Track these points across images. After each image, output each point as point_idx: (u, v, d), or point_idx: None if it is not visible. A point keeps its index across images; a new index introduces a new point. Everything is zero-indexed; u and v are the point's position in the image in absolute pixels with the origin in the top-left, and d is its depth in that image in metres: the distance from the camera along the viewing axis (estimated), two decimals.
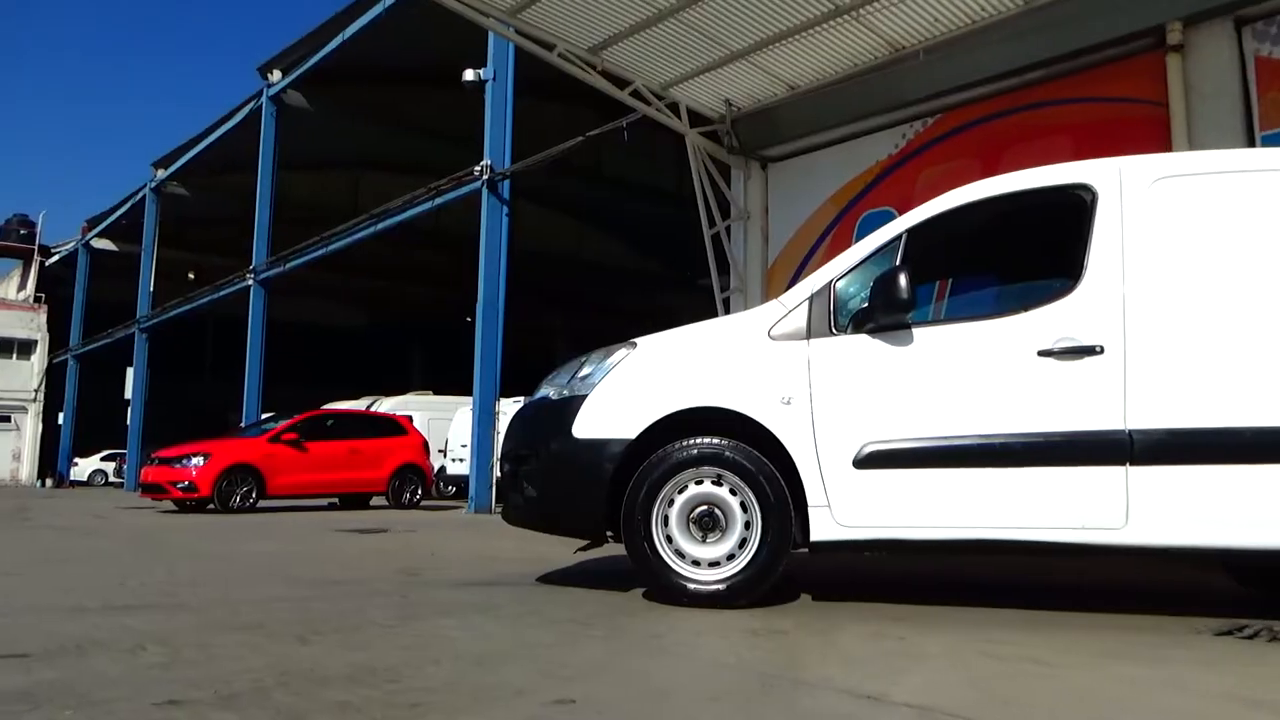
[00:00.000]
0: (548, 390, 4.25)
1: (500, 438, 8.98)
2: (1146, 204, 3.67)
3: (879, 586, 4.63)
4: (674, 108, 9.73)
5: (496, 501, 12.73)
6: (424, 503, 14.74)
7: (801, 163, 9.83)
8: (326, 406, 18.78)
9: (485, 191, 13.71)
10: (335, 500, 14.29)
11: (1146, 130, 7.08)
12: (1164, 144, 6.89)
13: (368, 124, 22.06)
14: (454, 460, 18.84)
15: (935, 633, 3.26)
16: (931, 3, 7.79)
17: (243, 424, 18.55)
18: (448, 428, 19.31)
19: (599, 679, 2.52)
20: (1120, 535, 3.45)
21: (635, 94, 9.39)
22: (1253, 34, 6.77)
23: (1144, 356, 3.49)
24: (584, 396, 3.96)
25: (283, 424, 13.86)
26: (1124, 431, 3.45)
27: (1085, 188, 3.78)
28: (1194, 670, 2.76)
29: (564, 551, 5.48)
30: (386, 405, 20.47)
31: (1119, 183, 3.73)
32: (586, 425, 3.91)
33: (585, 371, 4.08)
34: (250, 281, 21.46)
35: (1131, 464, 3.43)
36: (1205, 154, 4.16)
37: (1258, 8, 6.70)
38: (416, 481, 14.57)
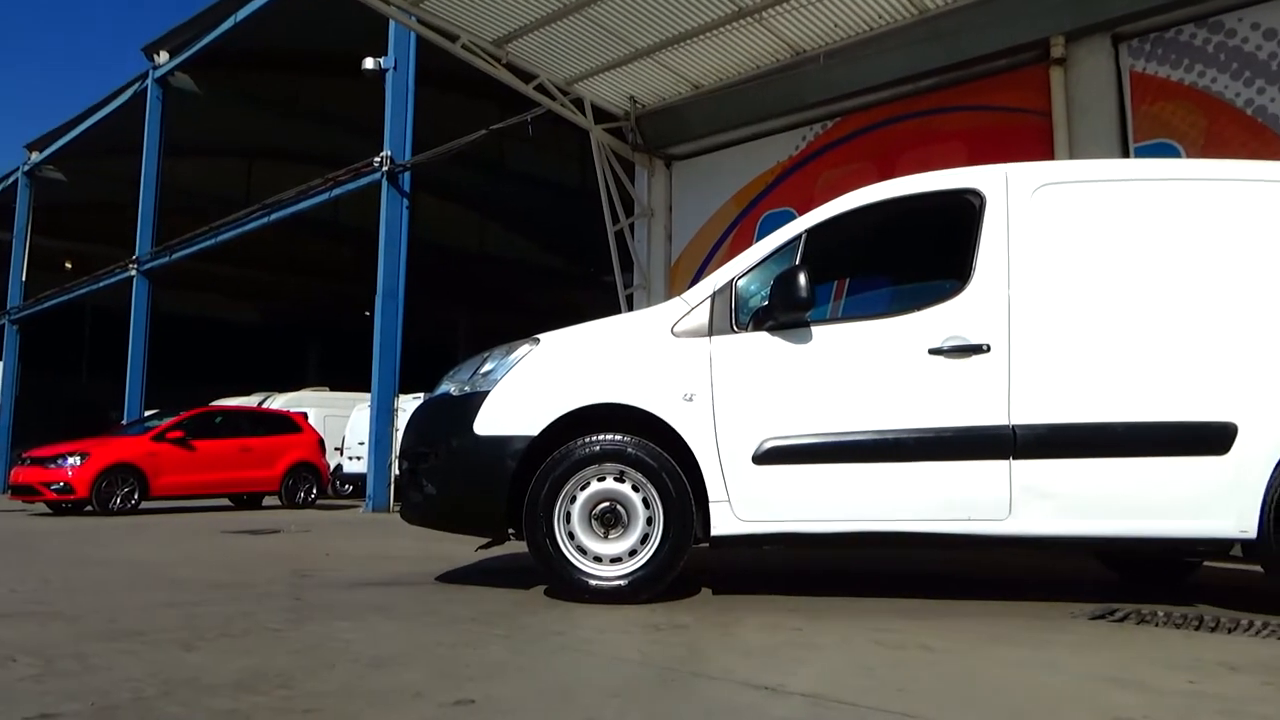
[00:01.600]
0: (449, 387, 4.18)
1: (399, 435, 8.80)
2: (1030, 209, 3.84)
3: (777, 579, 4.72)
4: (579, 103, 9.70)
5: (395, 500, 12.47)
6: (319, 502, 14.34)
7: (705, 161, 9.93)
8: (215, 403, 18.05)
9: (385, 183, 13.39)
10: (229, 501, 13.76)
11: (1032, 139, 7.41)
12: (1048, 152, 7.23)
13: (262, 110, 21.26)
14: (351, 458, 18.37)
15: (830, 623, 3.35)
16: (831, 8, 7.98)
17: (124, 422, 17.67)
18: (344, 425, 18.81)
19: (500, 678, 2.50)
20: (1004, 526, 3.61)
21: (540, 88, 9.33)
22: (1129, 50, 7.16)
23: (1027, 355, 3.65)
24: (486, 393, 3.91)
25: (168, 422, 13.26)
26: (1008, 427, 3.61)
27: (974, 193, 3.93)
28: (1069, 653, 2.91)
29: (464, 550, 5.40)
30: (279, 402, 19.79)
31: (1005, 189, 3.90)
32: (488, 422, 3.86)
33: (487, 368, 4.03)
34: (133, 272, 20.43)
35: (1014, 458, 3.59)
36: (1084, 163, 4.38)
37: (1133, 25, 7.09)
38: (311, 480, 14.15)
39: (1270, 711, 2.22)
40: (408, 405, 11.95)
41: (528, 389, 3.89)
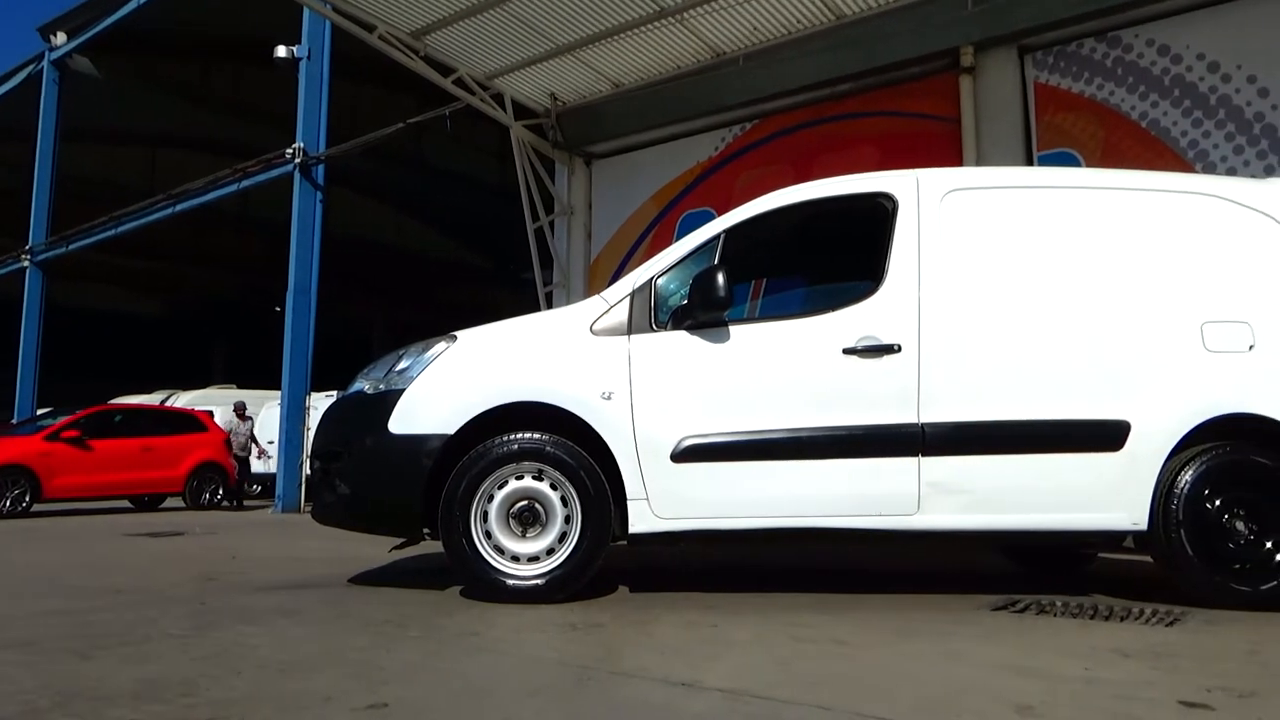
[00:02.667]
0: (362, 384, 4.10)
1: (311, 434, 8.59)
2: (940, 214, 3.96)
3: (694, 576, 4.76)
4: (499, 99, 9.61)
5: (306, 500, 12.16)
6: (225, 503, 13.89)
7: (625, 160, 9.95)
8: (115, 401, 17.31)
9: (297, 175, 13.04)
10: (129, 503, 13.21)
11: (942, 144, 7.64)
12: (957, 158, 7.46)
13: (169, 97, 20.47)
14: (260, 458, 17.82)
15: (745, 619, 3.39)
16: (751, 11, 8.08)
17: (15, 420, 16.80)
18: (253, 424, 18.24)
19: (414, 680, 2.45)
20: (913, 521, 3.71)
21: (459, 82, 9.21)
22: (1033, 62, 7.44)
23: (935, 355, 3.76)
24: (401, 391, 3.84)
25: (63, 420, 12.65)
26: (917, 425, 3.71)
27: (887, 196, 4.03)
28: (973, 643, 3.00)
29: (378, 551, 5.30)
30: (184, 400, 19.07)
31: (916, 193, 4.01)
32: (403, 420, 3.79)
33: (403, 365, 3.96)
34: (26, 263, 19.45)
35: (923, 455, 3.70)
36: (990, 170, 4.53)
37: (1038, 38, 7.37)
38: (217, 481, 13.69)
39: (1159, 695, 2.33)
40: (319, 404, 11.67)
41: (444, 387, 3.83)
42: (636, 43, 8.68)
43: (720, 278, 3.72)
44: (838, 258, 4.72)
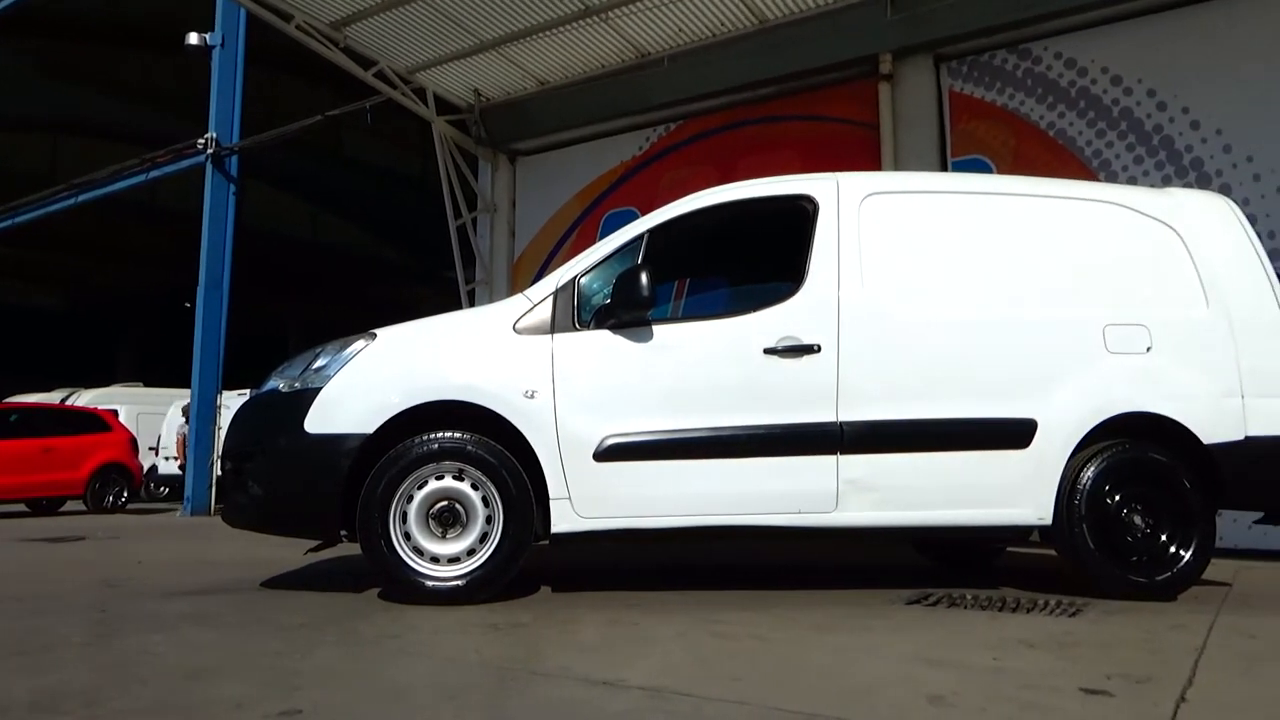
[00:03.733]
0: (277, 383, 3.99)
1: (222, 434, 8.32)
2: (859, 217, 4.05)
3: (617, 575, 4.76)
4: (421, 93, 9.47)
5: (217, 503, 11.78)
6: (130, 506, 13.37)
7: (549, 158, 9.91)
8: (11, 400, 16.50)
9: (210, 166, 12.62)
10: (26, 507, 12.60)
11: (861, 149, 7.81)
12: (875, 163, 7.63)
13: (72, 83, 19.59)
14: (168, 459, 17.22)
15: (668, 616, 3.41)
16: (676, 13, 8.13)
17: None
18: (161, 423, 17.60)
19: (330, 685, 2.40)
20: (831, 518, 3.78)
21: (380, 75, 9.04)
22: (948, 71, 7.66)
23: (854, 355, 3.84)
24: (318, 389, 3.75)
25: None
26: (836, 424, 3.78)
27: (808, 199, 4.10)
28: (889, 637, 3.08)
29: (293, 553, 5.16)
30: (86, 398, 18.29)
31: (836, 196, 4.09)
32: (320, 419, 3.70)
33: (320, 363, 3.87)
34: None
35: (842, 453, 3.77)
36: (907, 175, 4.65)
37: (953, 48, 7.59)
38: (122, 483, 13.17)
39: (1062, 683, 2.42)
40: (232, 403, 11.32)
41: (363, 385, 3.76)
42: (562, 41, 8.65)
43: (643, 277, 3.73)
44: (760, 258, 4.78)
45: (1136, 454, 3.89)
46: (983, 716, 2.12)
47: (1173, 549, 3.85)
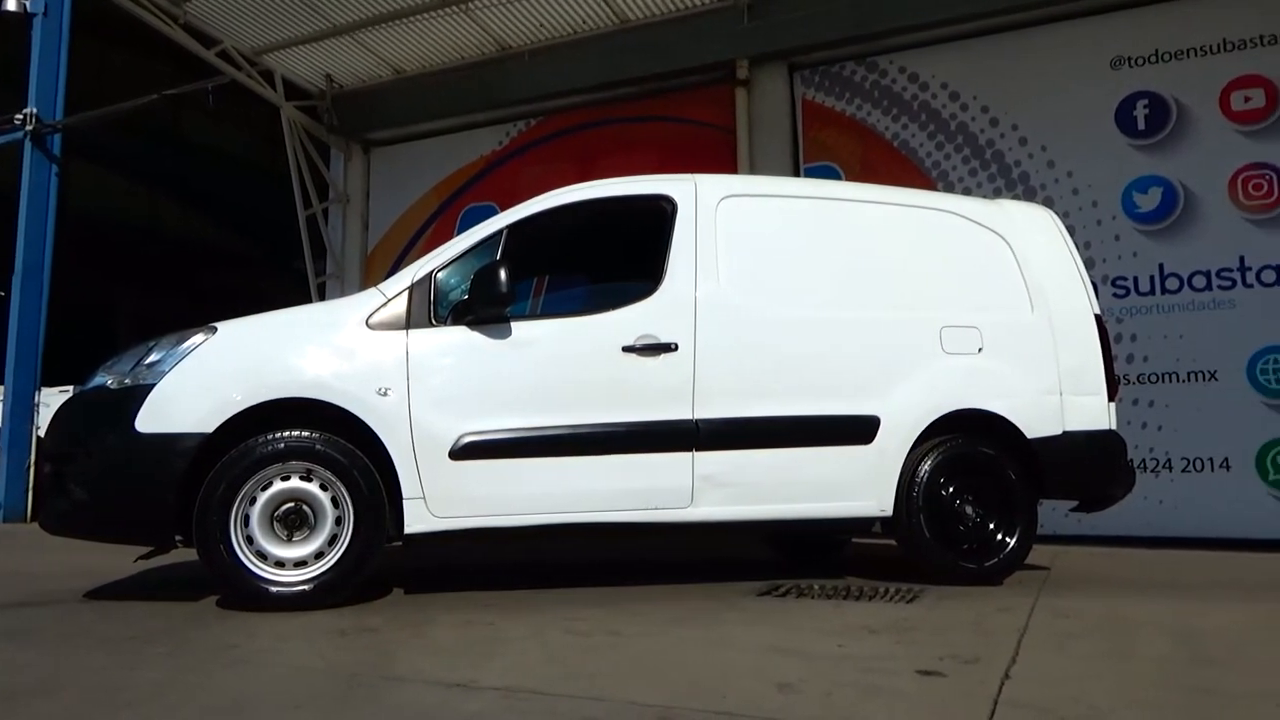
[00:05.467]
0: (105, 378, 3.72)
1: (40, 433, 7.72)
2: (716, 218, 4.14)
3: (472, 575, 4.70)
4: (268, 76, 9.05)
5: (35, 509, 10.89)
6: None
7: (406, 150, 9.66)
8: None
9: (29, 144, 11.62)
10: None
11: (718, 152, 7.98)
12: (731, 166, 7.82)
13: None
14: None
15: (523, 616, 3.39)
16: (536, 8, 8.08)
17: None
18: None
19: (161, 700, 2.26)
20: (686, 513, 3.85)
21: (224, 56, 8.58)
22: (801, 79, 7.94)
23: (710, 354, 3.92)
24: (151, 385, 3.52)
25: None
26: (692, 421, 3.86)
27: (667, 199, 4.16)
28: (740, 628, 3.16)
29: (120, 562, 4.82)
30: None
31: (695, 197, 4.16)
32: (153, 418, 3.48)
33: (153, 358, 3.63)
34: None
35: (697, 450, 3.85)
36: (763, 178, 4.79)
37: (806, 58, 7.87)
38: None
39: (899, 666, 2.56)
40: (52, 400, 10.49)
41: (202, 382, 3.55)
42: (419, 29, 8.45)
43: (502, 273, 3.69)
44: (619, 257, 4.81)
45: (968, 448, 4.15)
46: (827, 701, 2.20)
47: (1000, 536, 4.13)
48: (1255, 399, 6.12)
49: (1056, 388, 4.26)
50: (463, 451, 3.66)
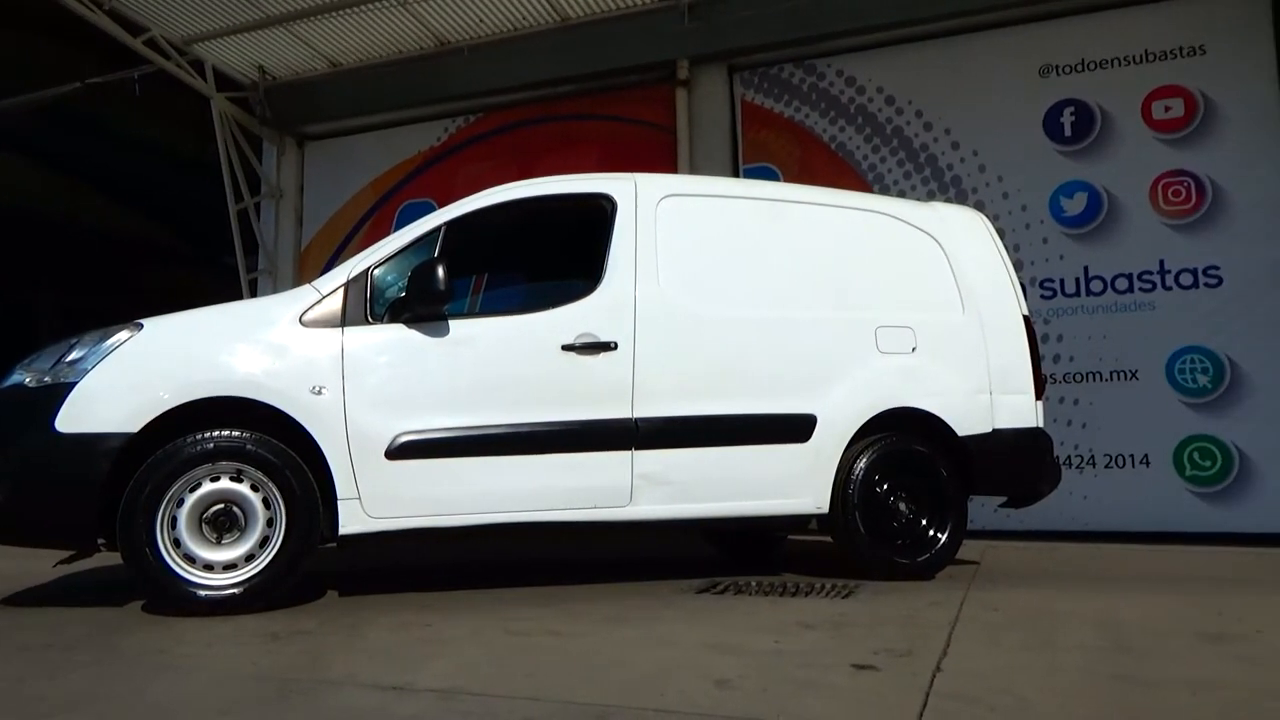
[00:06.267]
0: (23, 376, 3.58)
1: None
2: (656, 217, 4.15)
3: (409, 576, 4.63)
4: (199, 66, 8.79)
5: None
6: None
7: (342, 144, 9.48)
8: None
9: None
10: None
11: (659, 151, 7.99)
12: (672, 165, 7.84)
13: None
14: None
15: (460, 616, 3.36)
16: (476, 3, 8.00)
17: None
18: None
19: (83, 710, 2.19)
20: (625, 512, 3.86)
21: (151, 44, 8.30)
22: (741, 80, 7.99)
23: (649, 352, 3.93)
24: (72, 384, 3.40)
25: None
26: (631, 420, 3.86)
27: (607, 198, 4.16)
28: (678, 626, 3.18)
29: (39, 566, 4.64)
30: None
31: (635, 196, 4.17)
32: (75, 418, 3.36)
33: (75, 356, 3.51)
34: None
35: (636, 449, 3.85)
36: (703, 178, 4.82)
37: (746, 59, 7.93)
38: None
39: (835, 660, 2.60)
40: None
41: (127, 380, 3.45)
42: (355, 22, 8.29)
43: (440, 270, 3.65)
44: (559, 255, 4.80)
45: (902, 446, 4.23)
46: (763, 697, 2.23)
47: (932, 532, 4.22)
48: (1174, 397, 6.35)
49: (987, 387, 4.37)
50: (399, 451, 3.61)
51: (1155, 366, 6.43)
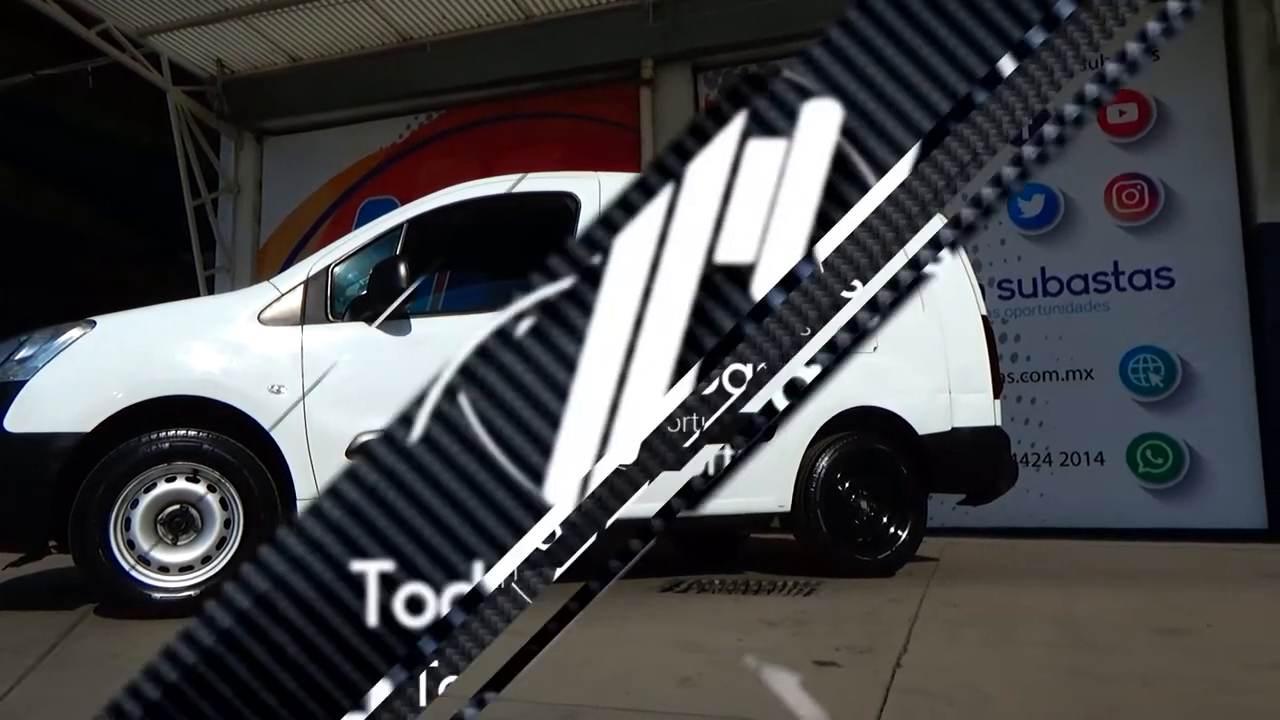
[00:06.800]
0: None
1: None
2: None
3: None
4: (154, 59, 8.62)
5: None
6: None
7: (301, 140, 9.36)
8: None
9: None
10: None
11: (623, 150, 7.99)
12: (636, 164, 7.84)
13: None
14: None
15: None
16: None
17: None
18: None
19: (36, 714, 2.14)
20: None
21: (106, 35, 8.13)
22: (705, 80, 8.02)
23: None
24: (22, 382, 3.33)
25: None
26: None
27: (571, 196, 4.15)
28: (643, 624, 3.18)
29: None
30: None
31: (598, 196, 4.16)
32: (24, 416, 3.29)
33: (25, 353, 3.43)
34: None
35: None
36: None
37: (710, 59, 7.96)
38: None
39: (797, 658, 2.61)
40: None
41: (79, 378, 3.38)
42: (316, 16, 8.19)
43: (402, 268, 3.62)
44: (522, 254, 4.77)
45: (864, 444, 4.27)
46: (726, 694, 2.24)
47: (892, 529, 4.27)
48: (1127, 396, 6.48)
49: (946, 386, 4.42)
50: (360, 450, 3.57)
51: (1109, 366, 6.55)
